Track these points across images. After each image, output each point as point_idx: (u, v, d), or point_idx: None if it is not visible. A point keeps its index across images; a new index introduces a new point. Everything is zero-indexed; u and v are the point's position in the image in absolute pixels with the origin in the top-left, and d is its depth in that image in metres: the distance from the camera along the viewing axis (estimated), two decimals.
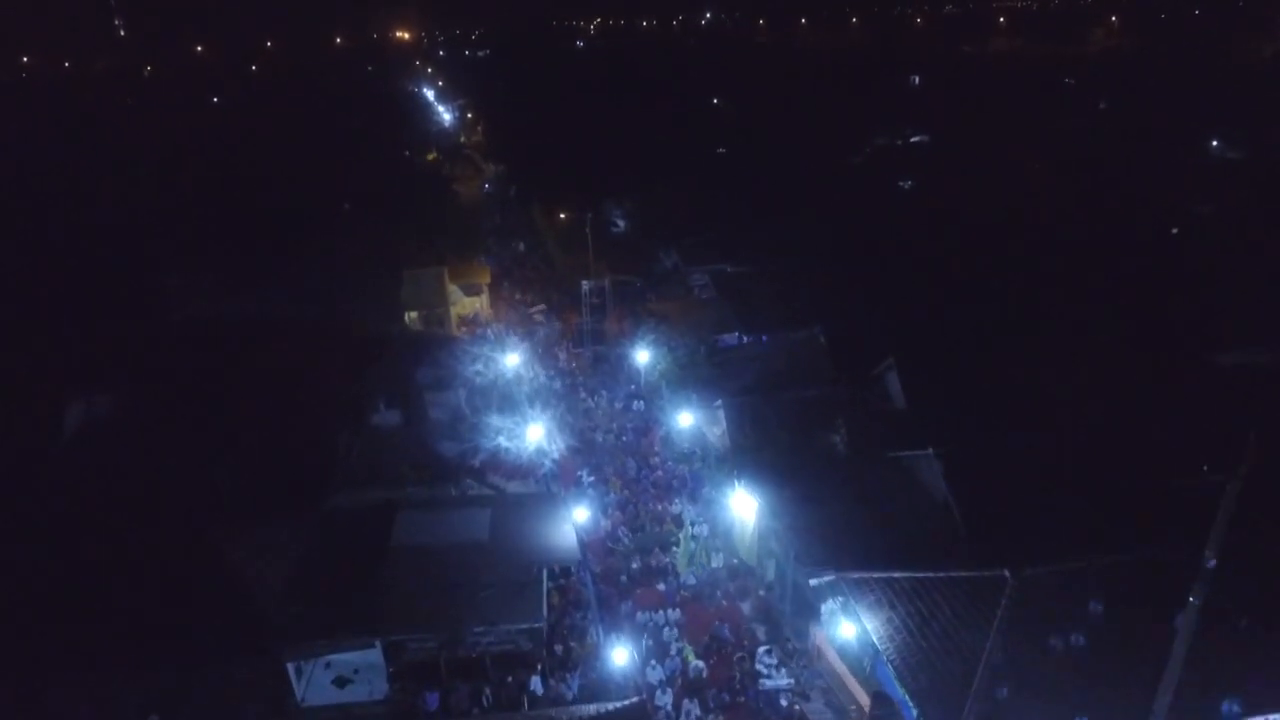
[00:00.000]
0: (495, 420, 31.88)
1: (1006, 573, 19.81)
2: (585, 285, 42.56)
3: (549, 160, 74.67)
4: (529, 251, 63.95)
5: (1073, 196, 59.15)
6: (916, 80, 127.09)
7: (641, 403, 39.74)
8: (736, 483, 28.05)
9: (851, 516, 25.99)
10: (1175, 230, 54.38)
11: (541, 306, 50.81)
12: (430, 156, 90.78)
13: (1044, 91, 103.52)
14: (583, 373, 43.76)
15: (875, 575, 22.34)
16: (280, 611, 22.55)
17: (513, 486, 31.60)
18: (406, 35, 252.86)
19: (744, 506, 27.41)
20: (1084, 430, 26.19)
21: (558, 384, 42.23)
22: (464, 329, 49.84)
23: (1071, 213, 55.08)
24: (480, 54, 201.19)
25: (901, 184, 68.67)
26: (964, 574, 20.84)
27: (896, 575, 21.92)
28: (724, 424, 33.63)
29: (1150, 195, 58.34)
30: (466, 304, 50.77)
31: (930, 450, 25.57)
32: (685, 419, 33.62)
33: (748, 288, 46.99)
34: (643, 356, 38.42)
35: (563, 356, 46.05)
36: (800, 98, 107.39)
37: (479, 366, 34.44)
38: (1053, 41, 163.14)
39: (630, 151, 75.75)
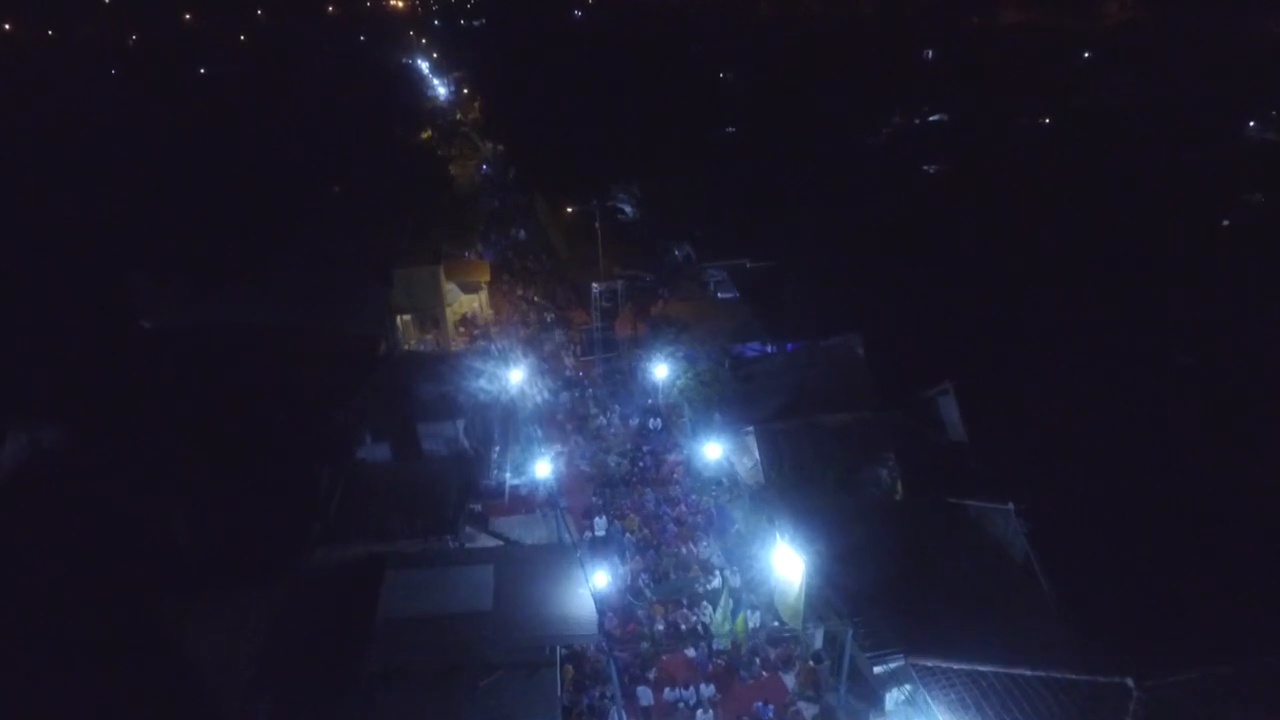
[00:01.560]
0: (497, 451, 28.20)
1: (1130, 682, 16.20)
2: (596, 288, 38.58)
3: (550, 140, 70.28)
4: (530, 240, 59.82)
5: (1111, 184, 55.07)
6: (929, 55, 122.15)
7: (658, 420, 35.93)
8: (777, 533, 24.29)
9: (915, 580, 22.29)
10: (1226, 223, 50.57)
11: (549, 308, 46.68)
12: (425, 135, 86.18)
13: (1063, 68, 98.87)
14: (592, 382, 39.87)
15: (956, 666, 18.70)
16: (245, 710, 18.88)
17: (517, 525, 27.99)
18: (400, 3, 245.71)
19: (787, 562, 23.68)
20: (1189, 479, 22.53)
21: (564, 396, 38.37)
22: (462, 330, 45.95)
23: (1113, 203, 51.09)
24: (476, 24, 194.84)
25: (926, 168, 64.58)
26: (1071, 676, 17.22)
27: (983, 669, 18.28)
28: (756, 454, 29.96)
29: (1194, 182, 54.21)
30: (465, 302, 46.80)
31: (1011, 506, 21.79)
32: (713, 450, 29.80)
33: (769, 286, 43.11)
34: (660, 372, 34.54)
35: (569, 362, 42.13)
36: (808, 72, 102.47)
37: (479, 385, 30.57)
38: (1065, 14, 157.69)
39: (635, 130, 71.34)
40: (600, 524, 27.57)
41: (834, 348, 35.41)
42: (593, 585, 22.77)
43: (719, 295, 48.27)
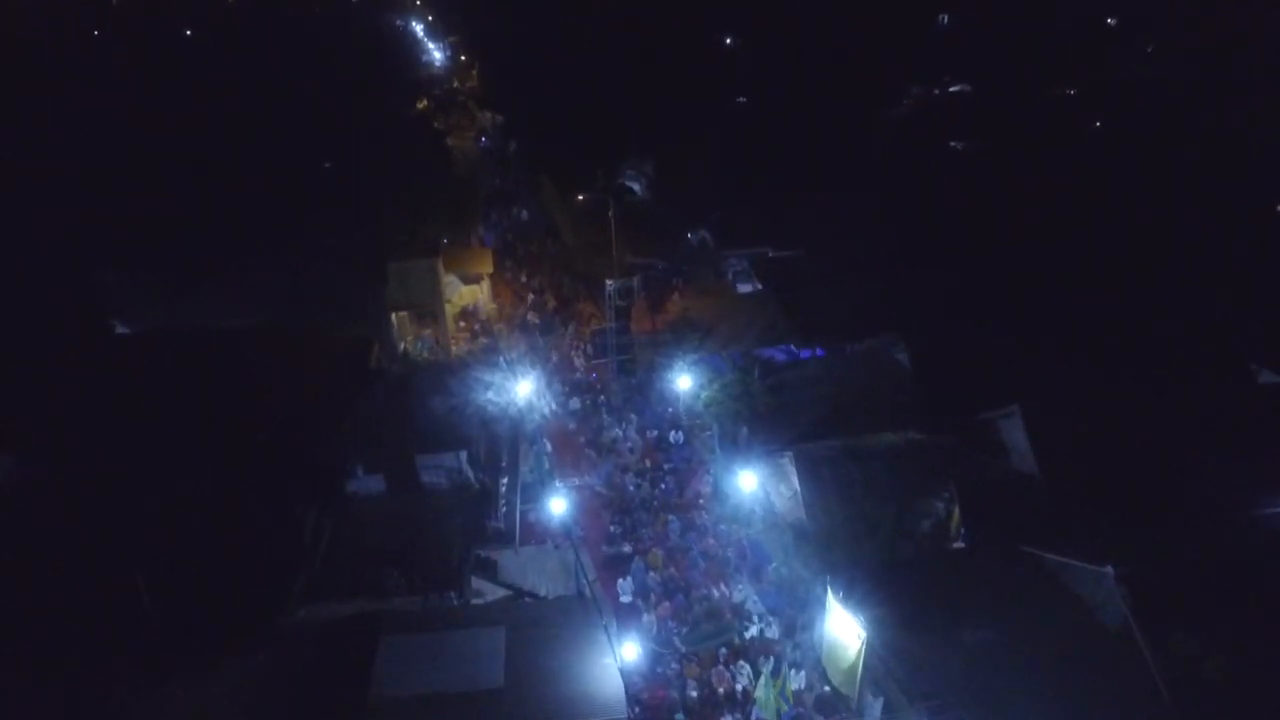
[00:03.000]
0: (506, 483, 25.10)
1: None
2: (610, 285, 35.20)
3: (553, 112, 66.10)
4: (534, 221, 56.19)
5: (1159, 167, 51.29)
6: (945, 19, 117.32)
7: (679, 433, 32.78)
8: (829, 589, 21.23)
9: (993, 648, 19.36)
10: None
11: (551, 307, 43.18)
12: (420, 104, 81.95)
13: (1087, 35, 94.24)
14: (605, 388, 36.63)
15: None
16: None
17: (527, 560, 24.94)
18: None
19: (842, 626, 20.68)
20: None
21: (574, 403, 35.16)
22: (462, 325, 42.62)
23: (1165, 188, 47.37)
24: None
25: (954, 144, 60.80)
26: None
27: None
28: (794, 481, 26.89)
29: (1255, 164, 50.37)
30: (465, 294, 43.39)
31: (1110, 569, 18.73)
32: (748, 481, 26.69)
33: (796, 278, 39.71)
34: (683, 383, 31.33)
35: (579, 362, 38.86)
36: (816, 35, 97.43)
37: (485, 401, 27.35)
38: None
39: (640, 101, 67.04)
40: (627, 586, 24.33)
41: (872, 354, 32.31)
42: (619, 655, 19.73)
43: (738, 287, 44.99)
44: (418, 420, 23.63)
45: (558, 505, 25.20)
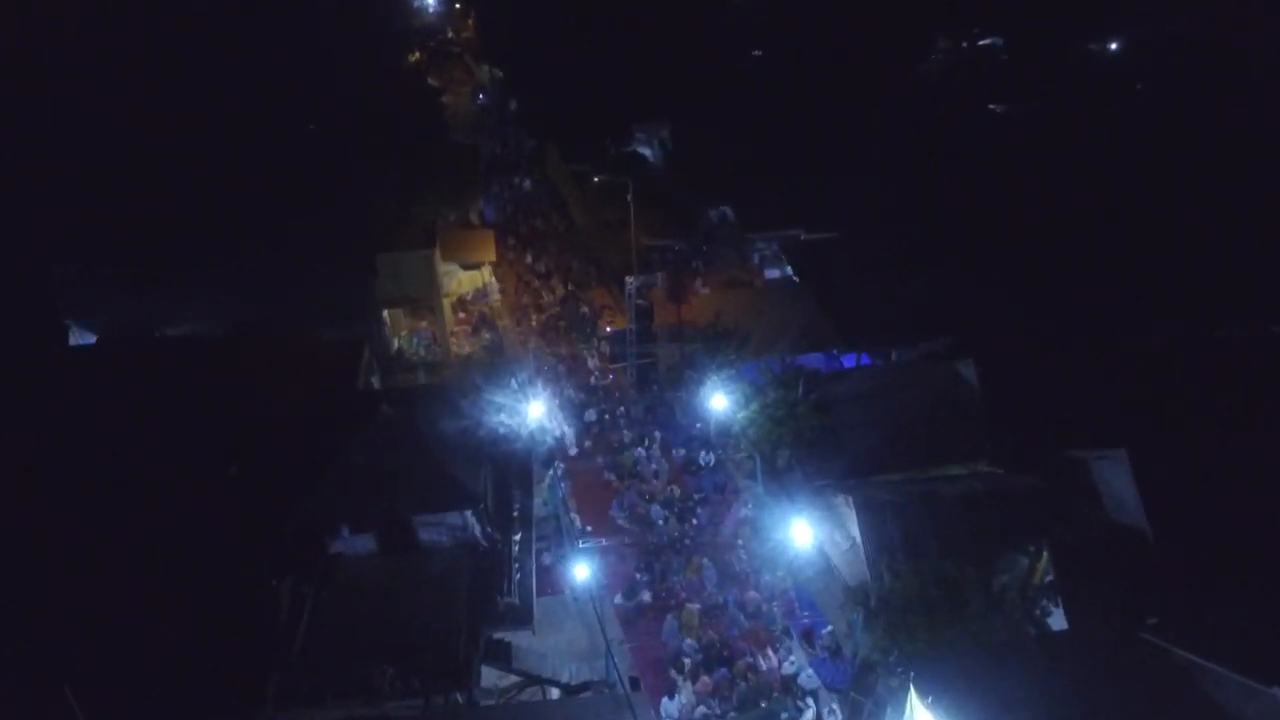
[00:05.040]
0: (520, 538, 21.40)
1: None
2: (631, 283, 31.12)
3: (558, 66, 60.62)
4: (538, 191, 51.72)
5: (1223, 132, 46.64)
6: None
7: (710, 455, 29.03)
8: (913, 690, 17.64)
9: None
10: None
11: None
12: (412, 58, 76.56)
13: None
14: (624, 396, 32.78)
15: None
16: None
17: (543, 621, 21.35)
18: None
19: None
20: None
21: (590, 415, 31.30)
22: (462, 316, 38.56)
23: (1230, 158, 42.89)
24: None
25: (992, 106, 56.05)
26: None
27: None
28: (851, 529, 23.26)
29: None
30: (465, 280, 39.28)
31: (1276, 690, 15.10)
32: (802, 533, 22.95)
33: (833, 267, 35.55)
34: (718, 403, 27.45)
35: (593, 363, 34.90)
36: None
37: (496, 422, 23.46)
38: None
39: (655, 53, 61.35)
40: (671, 708, 20.52)
41: (929, 365, 28.34)
42: None
43: (766, 272, 40.93)
44: (415, 471, 19.77)
45: (581, 571, 21.52)
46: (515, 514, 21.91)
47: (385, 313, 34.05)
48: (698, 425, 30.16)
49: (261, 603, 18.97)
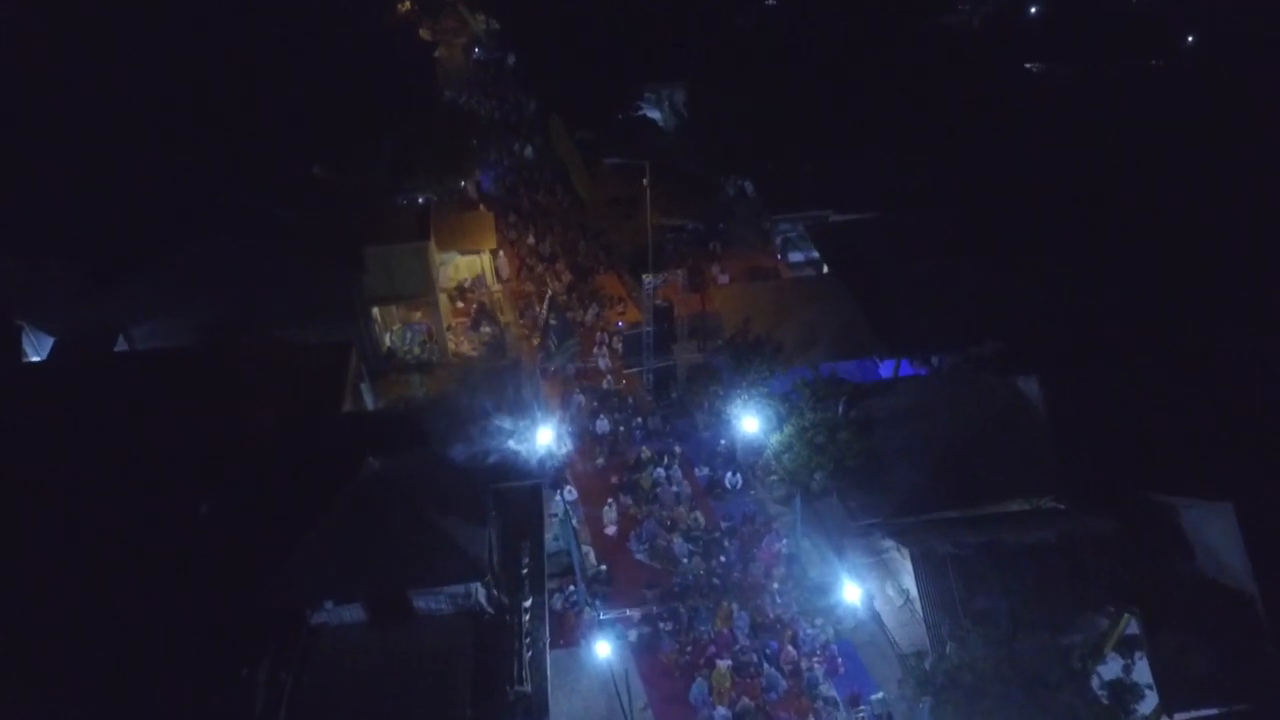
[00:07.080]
0: (531, 603, 18.68)
1: None
2: (649, 282, 27.93)
3: (559, 17, 56.12)
4: (540, 160, 48.05)
5: None
6: None
7: (738, 476, 26.20)
8: None
9: None
10: None
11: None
12: (402, 6, 72.00)
13: None
14: (639, 403, 29.82)
15: None
16: None
17: (557, 678, 18.72)
18: None
19: None
20: None
21: (603, 425, 28.37)
22: (460, 306, 35.37)
23: None
24: None
25: (1029, 66, 52.06)
26: None
27: None
28: (905, 582, 20.61)
29: None
30: (463, 266, 36.03)
31: None
32: (852, 591, 20.21)
33: (867, 256, 32.21)
34: (750, 426, 24.50)
35: (604, 364, 31.82)
36: None
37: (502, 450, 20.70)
38: None
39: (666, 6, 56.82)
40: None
41: (990, 385, 25.12)
42: None
43: (790, 256, 37.74)
44: (409, 539, 16.89)
45: (603, 650, 18.83)
46: (524, 569, 19.14)
47: (375, 313, 30.88)
48: (721, 441, 27.26)
49: (233, 690, 16.29)
